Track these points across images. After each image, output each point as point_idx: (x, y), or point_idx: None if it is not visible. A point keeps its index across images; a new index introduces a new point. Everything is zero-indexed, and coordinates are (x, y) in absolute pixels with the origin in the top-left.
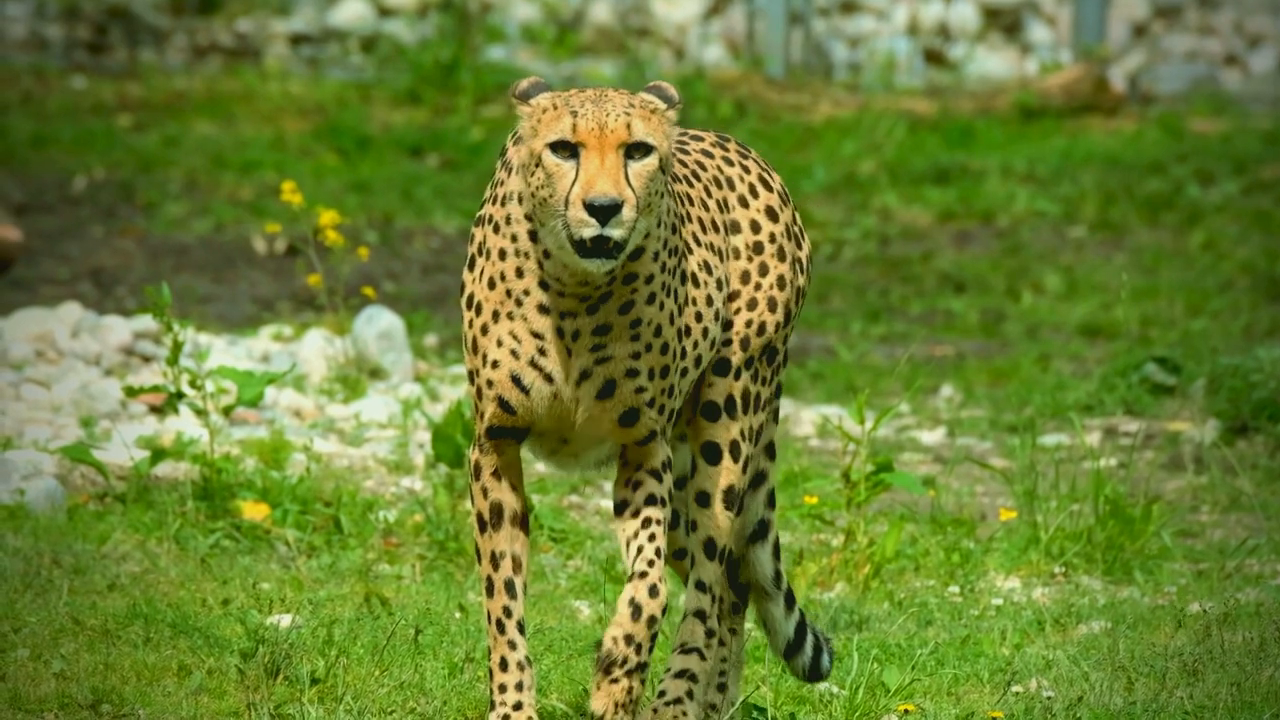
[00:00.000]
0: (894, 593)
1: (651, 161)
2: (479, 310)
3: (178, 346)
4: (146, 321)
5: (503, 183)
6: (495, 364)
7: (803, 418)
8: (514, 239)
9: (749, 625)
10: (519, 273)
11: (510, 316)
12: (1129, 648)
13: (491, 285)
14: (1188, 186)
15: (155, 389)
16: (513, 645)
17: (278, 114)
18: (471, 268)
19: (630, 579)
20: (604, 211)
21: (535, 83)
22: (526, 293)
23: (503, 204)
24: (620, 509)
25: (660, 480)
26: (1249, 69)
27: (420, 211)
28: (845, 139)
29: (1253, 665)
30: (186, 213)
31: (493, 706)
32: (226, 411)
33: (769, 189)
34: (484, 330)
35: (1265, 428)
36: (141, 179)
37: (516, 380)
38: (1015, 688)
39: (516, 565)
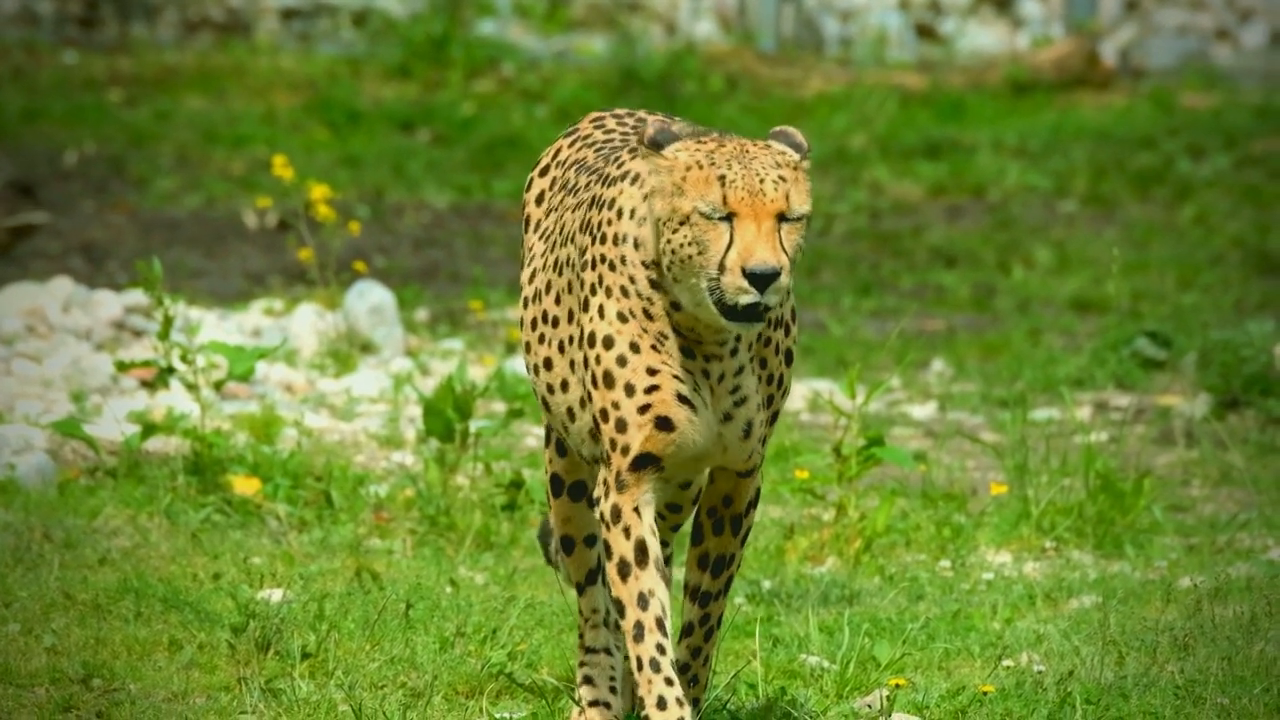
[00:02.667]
0: (885, 567)
1: (801, 225)
2: (609, 344)
3: (168, 321)
4: (137, 296)
5: (612, 222)
6: (652, 389)
7: (794, 392)
8: (632, 280)
9: (740, 601)
10: (647, 314)
11: (655, 349)
12: (1120, 622)
13: (623, 319)
14: (1179, 161)
15: (146, 364)
16: (670, 682)
17: (268, 89)
18: (586, 308)
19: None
20: (764, 280)
21: (663, 128)
22: (664, 336)
23: (616, 244)
24: (695, 540)
25: (737, 530)
26: (1240, 43)
27: (411, 186)
28: (836, 113)
29: (1243, 640)
30: (177, 187)
31: None
32: (217, 386)
33: None
34: (621, 361)
35: (1256, 402)
36: (132, 154)
37: (683, 399)
38: (1006, 662)
39: (663, 605)
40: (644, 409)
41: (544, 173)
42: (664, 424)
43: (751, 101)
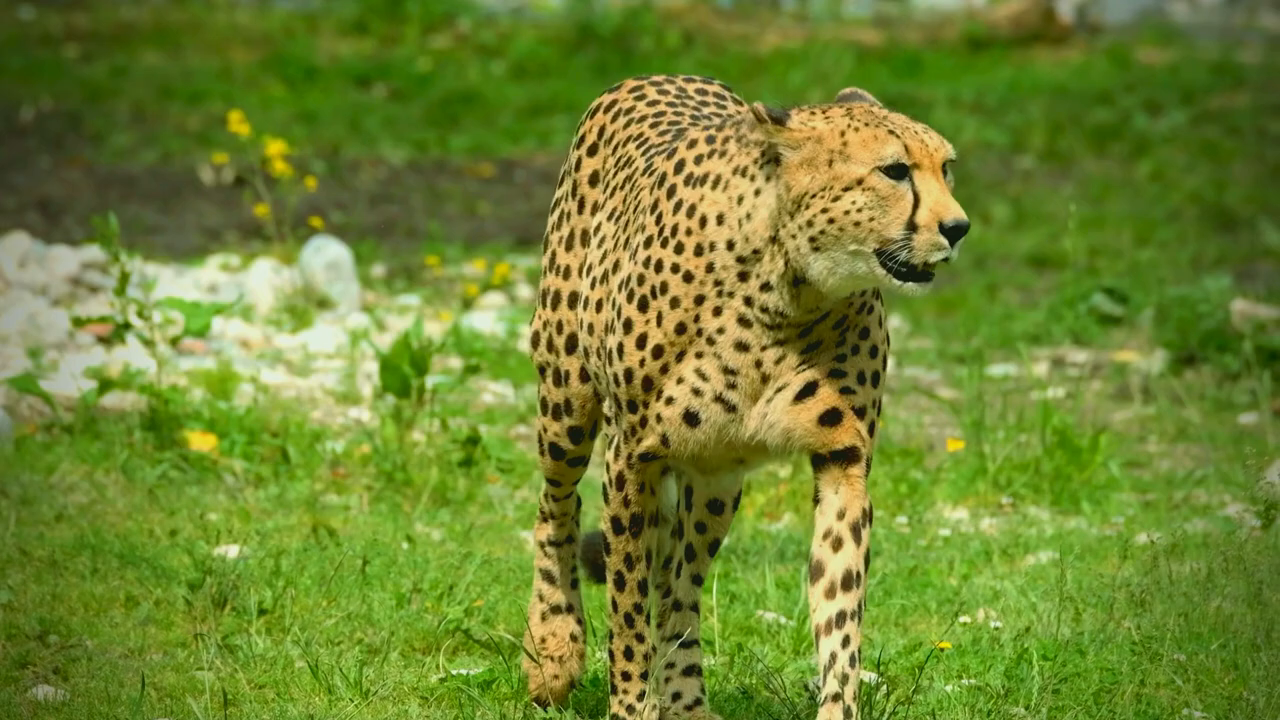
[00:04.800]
0: None
1: (952, 179)
2: (658, 353)
3: (125, 277)
4: (94, 252)
5: (691, 231)
6: (671, 400)
7: None
8: (718, 284)
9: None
10: (716, 311)
11: (700, 355)
12: (1076, 578)
13: (681, 330)
14: (1135, 117)
15: (103, 319)
16: (640, 638)
17: (225, 44)
18: (644, 309)
19: (824, 701)
20: (959, 234)
21: (769, 106)
22: (721, 331)
23: (697, 253)
24: (815, 575)
25: (859, 541)
26: None
27: (368, 141)
28: (793, 69)
29: (1200, 596)
30: (134, 143)
31: (614, 691)
32: (174, 342)
33: None
34: (664, 370)
35: (1212, 357)
36: (89, 109)
37: (690, 417)
38: (963, 618)
39: (649, 565)
40: (659, 419)
41: (593, 151)
42: (665, 440)
43: (708, 57)
